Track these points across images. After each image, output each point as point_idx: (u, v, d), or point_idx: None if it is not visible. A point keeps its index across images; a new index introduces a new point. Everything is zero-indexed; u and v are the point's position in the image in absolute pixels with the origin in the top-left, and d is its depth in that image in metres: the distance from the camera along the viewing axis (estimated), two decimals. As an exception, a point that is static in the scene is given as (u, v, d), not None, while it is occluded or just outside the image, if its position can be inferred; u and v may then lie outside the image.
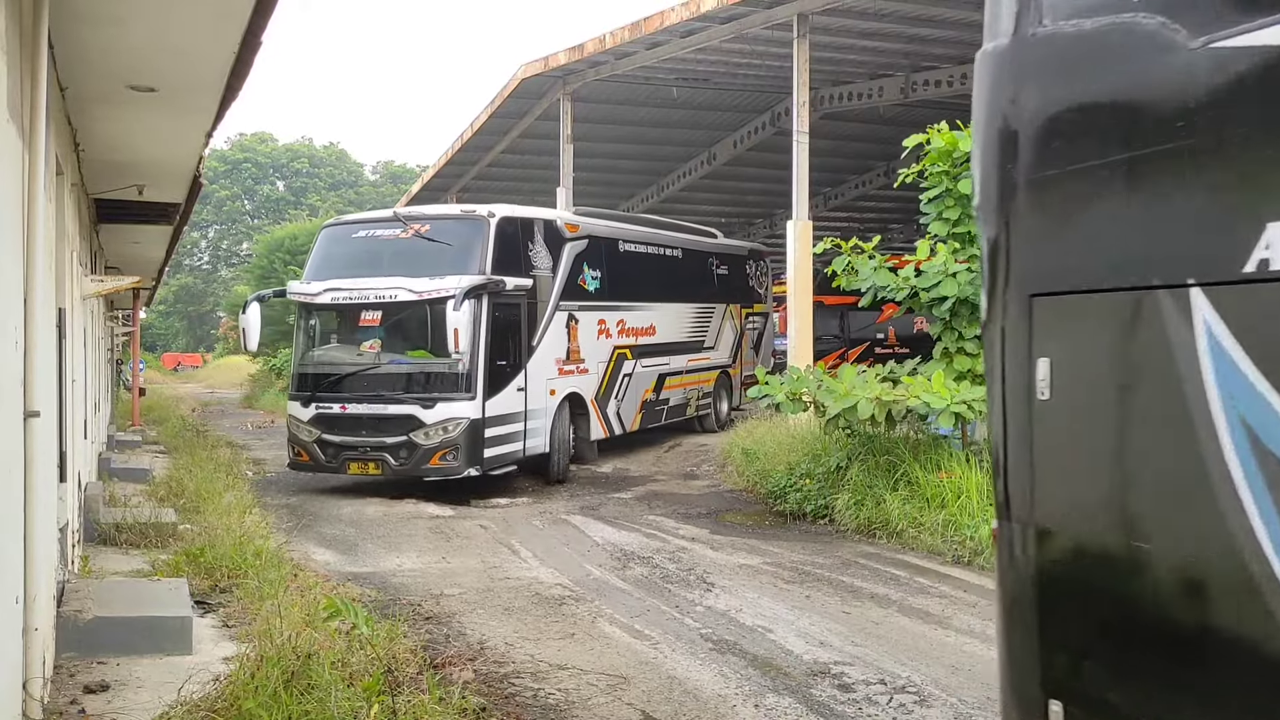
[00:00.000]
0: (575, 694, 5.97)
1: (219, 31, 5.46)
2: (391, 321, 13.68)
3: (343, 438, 13.44)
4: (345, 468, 13.48)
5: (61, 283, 7.09)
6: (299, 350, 14.56)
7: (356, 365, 13.72)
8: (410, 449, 13.12)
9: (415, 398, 13.31)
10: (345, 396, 13.57)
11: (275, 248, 39.98)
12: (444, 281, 13.00)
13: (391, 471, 13.27)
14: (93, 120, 7.57)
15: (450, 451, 13.02)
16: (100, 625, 6.26)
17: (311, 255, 14.64)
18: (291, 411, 14.10)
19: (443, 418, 13.06)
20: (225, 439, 21.15)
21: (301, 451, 13.83)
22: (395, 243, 13.91)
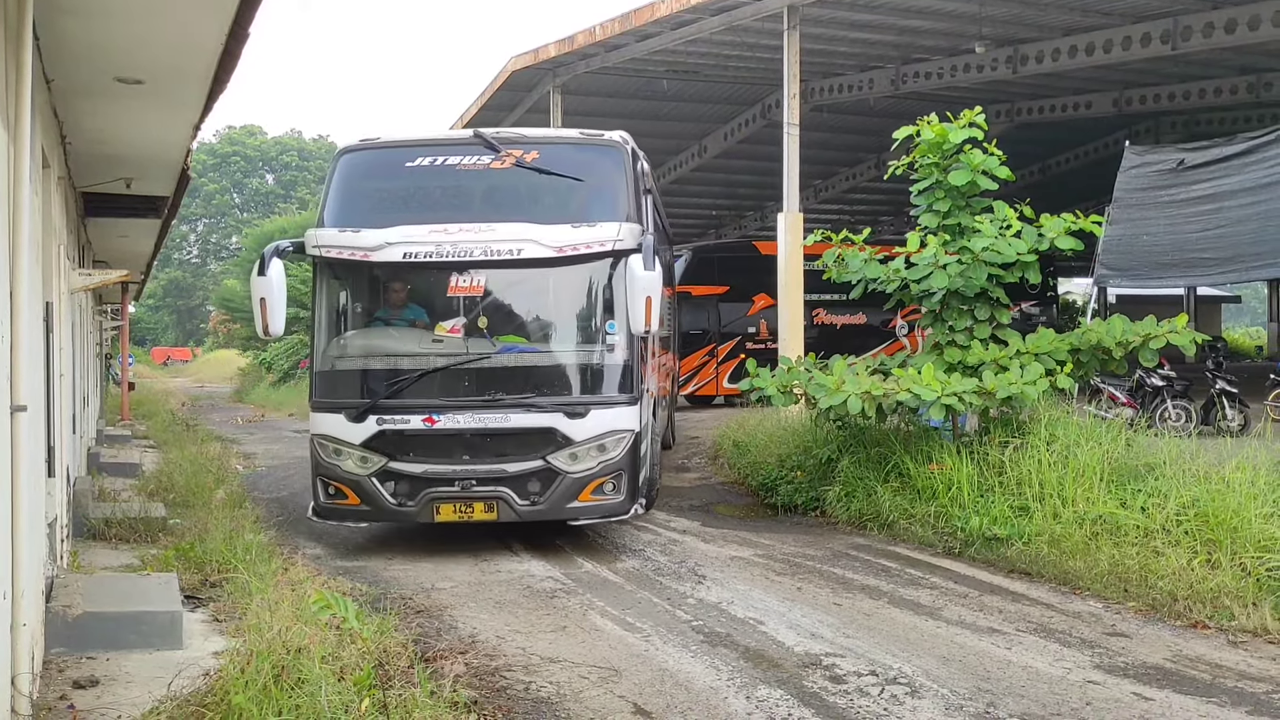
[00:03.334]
0: (567, 687, 5.96)
1: (206, 23, 5.43)
2: (506, 289, 9.57)
3: (429, 466, 9.14)
4: (431, 512, 9.11)
5: (49, 277, 7.05)
6: (328, 334, 9.86)
7: (453, 357, 9.34)
8: (547, 479, 9.14)
9: (559, 403, 9.23)
10: (434, 404, 9.18)
11: (264, 241, 39.74)
12: (601, 230, 9.19)
13: (515, 513, 9.11)
14: (79, 113, 7.53)
15: (610, 480, 9.24)
16: (89, 620, 6.24)
17: (330, 193, 9.86)
18: (321, 430, 9.44)
19: (598, 431, 9.17)
20: (215, 434, 21.12)
21: (343, 490, 9.33)
22: (485, 176, 9.70)
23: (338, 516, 9.59)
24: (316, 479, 9.57)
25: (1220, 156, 15.43)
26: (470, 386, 9.32)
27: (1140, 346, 10.02)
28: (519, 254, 9.12)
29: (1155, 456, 9.11)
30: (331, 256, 9.40)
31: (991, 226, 10.28)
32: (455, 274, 9.27)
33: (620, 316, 9.25)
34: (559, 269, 9.38)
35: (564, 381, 9.53)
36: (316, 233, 9.51)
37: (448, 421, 9.14)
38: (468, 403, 9.22)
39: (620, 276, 9.16)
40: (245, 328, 41.62)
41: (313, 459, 9.62)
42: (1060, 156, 31.66)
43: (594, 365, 9.51)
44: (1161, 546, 7.77)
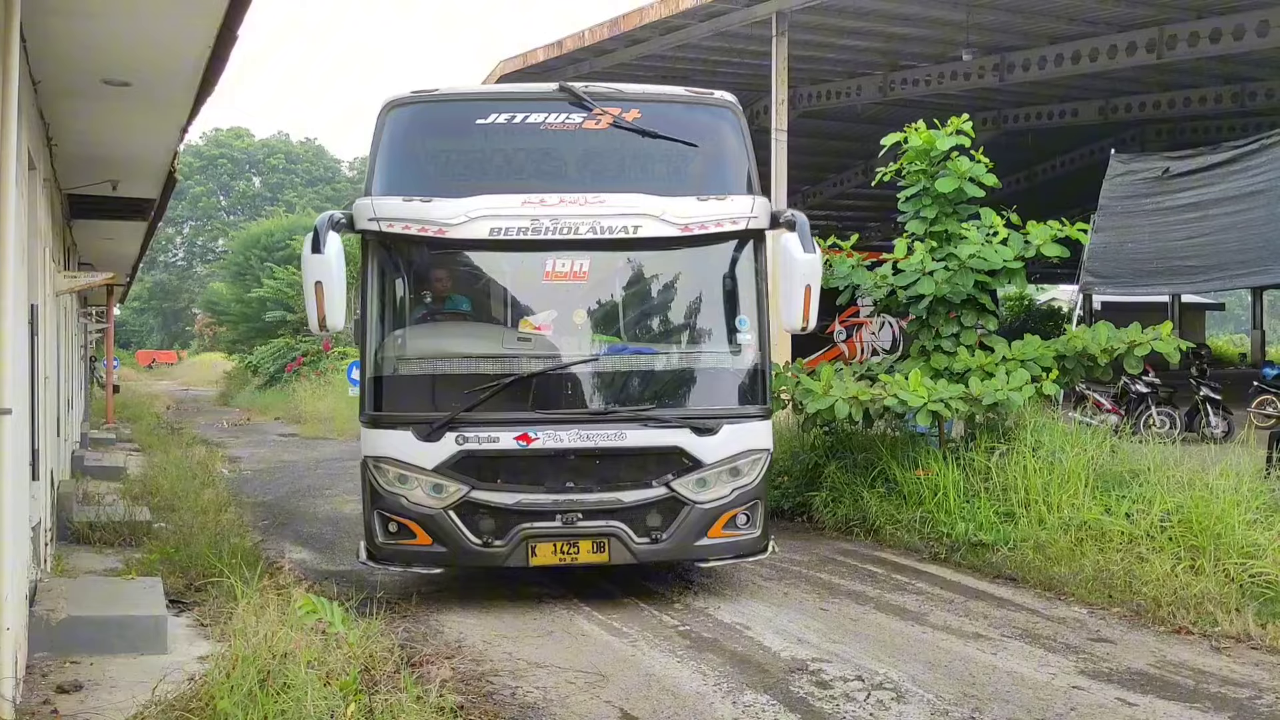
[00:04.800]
0: (554, 692, 5.96)
1: (194, 25, 5.43)
2: (616, 275, 8.03)
3: (523, 496, 7.43)
4: (526, 554, 7.41)
5: (34, 279, 7.02)
6: (386, 330, 7.87)
7: (551, 359, 7.75)
8: (670, 511, 7.52)
9: (686, 417, 7.63)
10: (531, 418, 7.49)
11: (251, 244, 39.82)
12: (733, 204, 7.71)
13: (630, 554, 7.47)
14: (66, 114, 7.51)
15: (744, 511, 7.68)
16: (73, 624, 6.21)
17: (382, 154, 7.99)
18: (380, 451, 7.59)
19: (732, 451, 7.61)
20: (201, 437, 21.03)
21: (410, 527, 7.52)
22: (578, 138, 7.98)
23: (401, 560, 7.69)
24: (373, 513, 7.59)
25: (1205, 165, 15.55)
26: (574, 396, 7.69)
27: (1125, 353, 10.06)
28: (635, 232, 7.47)
29: (1140, 463, 9.16)
30: (395, 232, 7.50)
31: (978, 233, 10.32)
32: (554, 256, 7.55)
33: (749, 309, 7.84)
34: (681, 251, 7.84)
35: (688, 390, 8.00)
36: (373, 202, 7.58)
37: (548, 439, 7.39)
38: (572, 416, 7.51)
39: (748, 261, 7.82)
40: (231, 330, 41.55)
41: (366, 488, 7.70)
42: (1046, 164, 31.81)
43: (723, 370, 7.99)
44: (1146, 552, 7.80)
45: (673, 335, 8.24)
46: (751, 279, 7.88)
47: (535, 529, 7.41)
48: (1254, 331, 34.67)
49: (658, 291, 8.24)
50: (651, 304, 8.26)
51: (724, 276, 7.98)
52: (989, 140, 20.32)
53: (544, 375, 7.70)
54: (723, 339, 7.98)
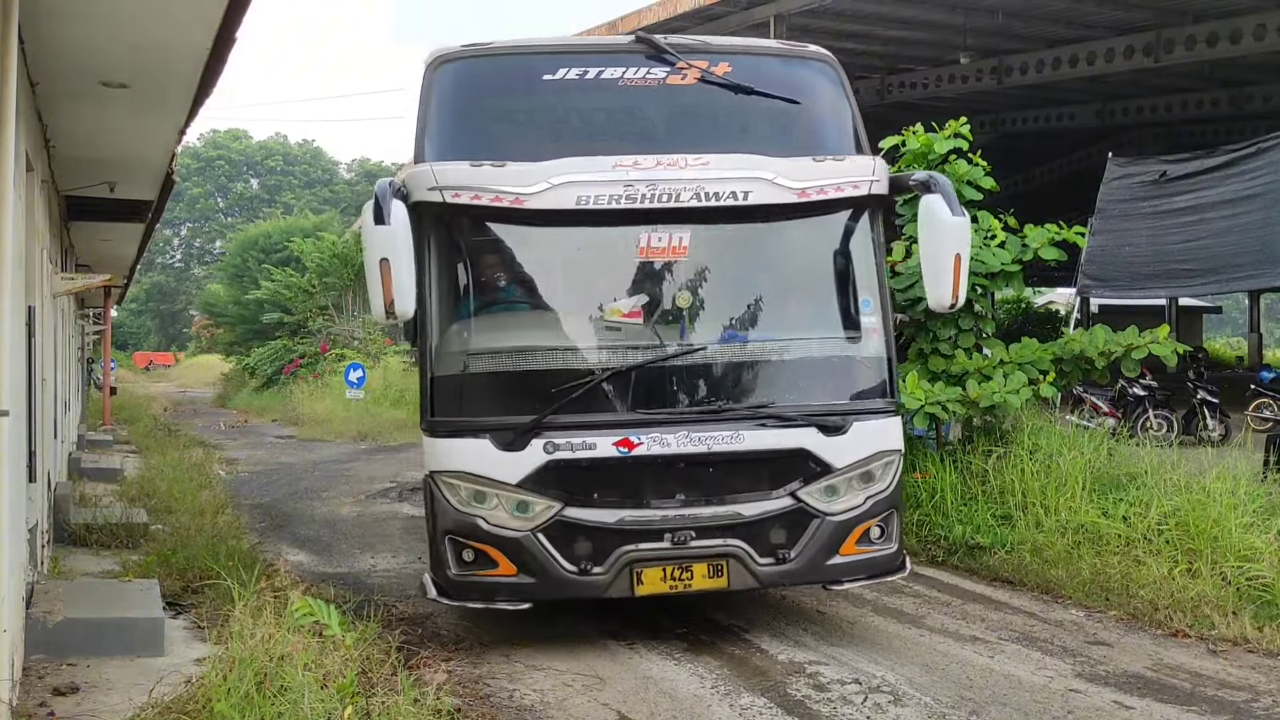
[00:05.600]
0: (551, 694, 5.96)
1: (193, 27, 5.43)
2: (722, 250, 6.99)
3: (626, 513, 6.41)
4: (630, 582, 6.37)
5: (31, 280, 7.01)
6: (449, 319, 6.75)
7: (650, 350, 6.67)
8: (797, 525, 6.54)
9: (811, 414, 6.64)
10: (631, 420, 6.49)
11: (249, 246, 39.80)
12: (852, 166, 6.82)
13: (753, 577, 6.50)
14: (64, 116, 7.51)
15: (878, 523, 6.74)
16: (70, 627, 6.20)
17: (435, 115, 6.92)
18: (450, 464, 6.49)
19: (864, 453, 6.68)
20: (198, 439, 21.01)
21: (490, 555, 6.41)
22: (664, 94, 7.00)
23: (480, 594, 6.48)
24: (443, 540, 6.45)
25: (1202, 168, 15.56)
26: (680, 393, 6.72)
27: (1122, 356, 10.07)
28: (746, 198, 6.48)
29: (1137, 466, 9.17)
30: (462, 204, 6.40)
31: (976, 236, 10.33)
32: (650, 227, 6.53)
33: (871, 288, 6.89)
34: (796, 221, 6.86)
35: (810, 383, 6.94)
36: (433, 169, 6.47)
37: (653, 444, 6.35)
38: (680, 416, 6.52)
39: (867, 232, 6.91)
40: (228, 332, 41.51)
41: (431, 509, 6.57)
42: (1044, 167, 31.85)
43: (847, 359, 7.03)
44: (1143, 555, 7.81)
45: (788, 319, 7.08)
46: (871, 253, 6.93)
47: (641, 552, 6.33)
48: (1251, 335, 34.70)
49: (769, 268, 7.12)
50: (762, 283, 7.06)
51: (842, 250, 6.99)
52: (986, 143, 20.31)
53: (646, 369, 6.61)
54: (844, 323, 6.95)
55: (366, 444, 21.18)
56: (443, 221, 6.58)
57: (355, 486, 14.67)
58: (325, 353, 31.92)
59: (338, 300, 34.10)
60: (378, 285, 6.11)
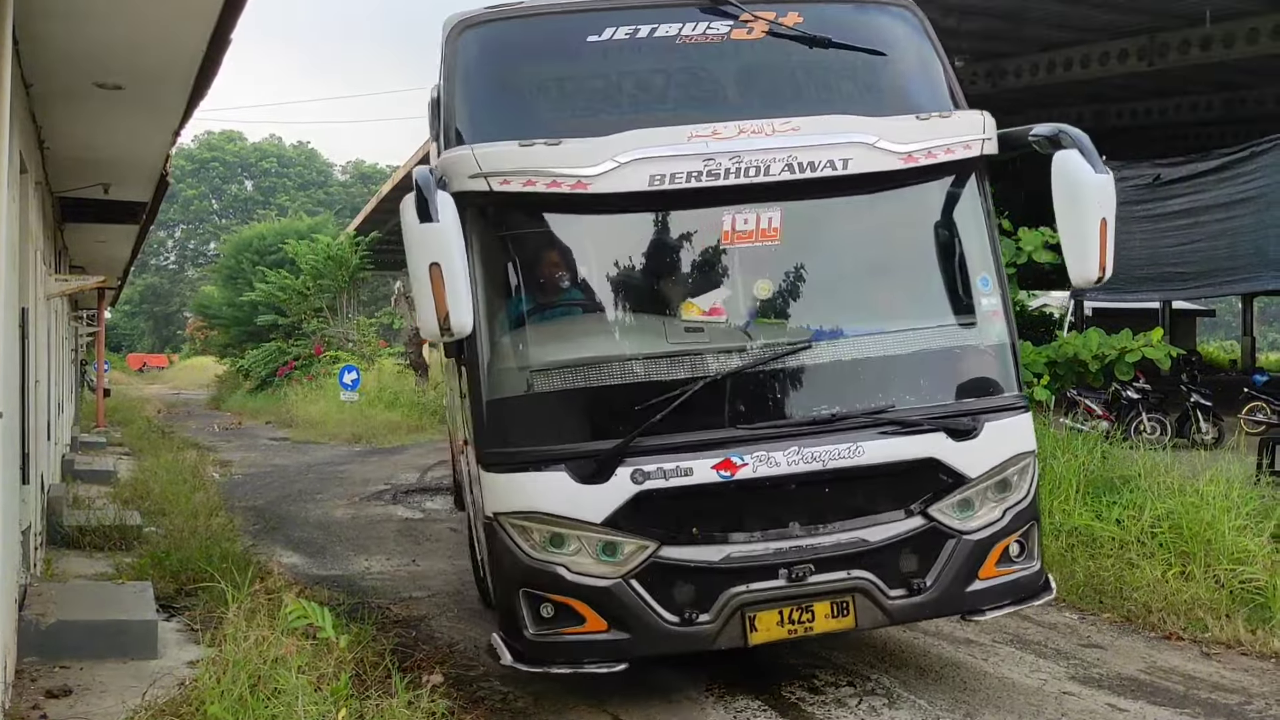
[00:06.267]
0: (545, 697, 5.96)
1: (187, 29, 5.43)
2: (816, 230, 5.93)
3: (732, 549, 5.46)
4: (742, 629, 5.41)
5: (25, 282, 7.00)
6: (502, 328, 5.68)
7: (746, 351, 5.65)
8: (929, 548, 5.62)
9: (936, 415, 5.69)
10: (730, 437, 5.48)
11: (243, 248, 39.71)
12: (959, 123, 5.89)
13: (884, 613, 5.59)
14: (58, 117, 7.50)
15: (1018, 539, 5.80)
16: (63, 629, 6.19)
17: (463, 90, 5.98)
18: (518, 504, 5.45)
19: (999, 458, 5.73)
20: (191, 441, 20.98)
21: (575, 609, 5.41)
22: (730, 51, 6.02)
23: (566, 657, 5.42)
24: (516, 594, 5.42)
25: (1196, 172, 15.63)
26: (783, 401, 5.68)
27: (1116, 360, 10.10)
28: (846, 167, 5.52)
29: (1131, 469, 9.18)
30: (513, 191, 5.36)
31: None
32: (735, 208, 5.54)
33: (987, 264, 5.95)
34: (901, 190, 5.83)
35: (930, 379, 5.93)
36: (476, 152, 5.42)
37: (759, 465, 5.39)
38: (786, 429, 5.52)
39: (976, 199, 5.98)
40: (222, 334, 41.46)
41: (496, 558, 5.55)
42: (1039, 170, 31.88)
43: (968, 347, 6.00)
44: (1136, 558, 7.82)
45: (897, 306, 6.08)
46: (983, 223, 6.02)
47: (753, 593, 5.38)
48: (1244, 338, 34.77)
49: (872, 248, 6.18)
50: (865, 266, 6.16)
51: (954, 222, 6.01)
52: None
53: (742, 376, 5.57)
54: (962, 306, 5.94)
55: (360, 446, 21.15)
56: (489, 214, 5.50)
57: (349, 489, 14.65)
58: (319, 355, 31.90)
59: (332, 302, 34.08)
60: (427, 296, 5.08)
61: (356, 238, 33.62)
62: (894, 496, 5.60)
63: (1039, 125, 5.99)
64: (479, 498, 5.81)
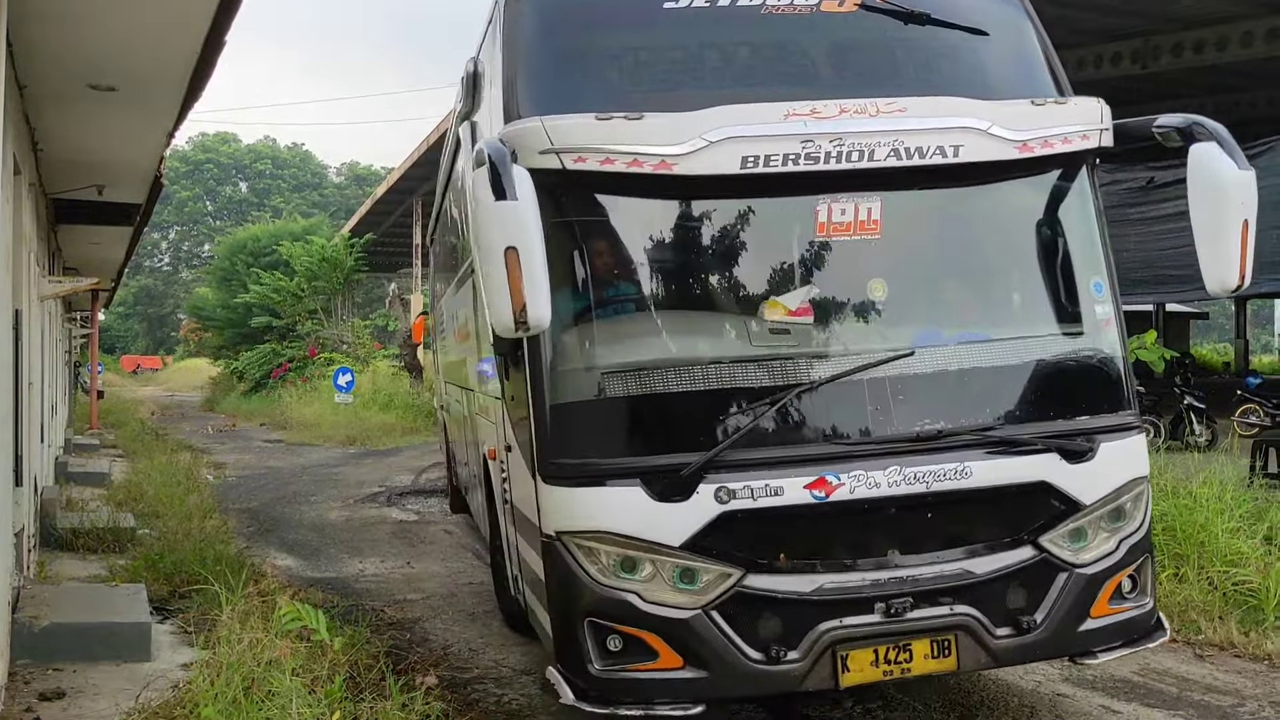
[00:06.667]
0: (539, 699, 5.95)
1: (181, 31, 5.42)
2: (918, 225, 5.42)
3: (824, 578, 4.90)
4: (833, 668, 4.83)
5: (18, 284, 6.99)
6: (566, 326, 5.02)
7: (843, 357, 5.07)
8: (1038, 583, 5.09)
9: (1049, 434, 5.15)
10: (825, 453, 4.94)
11: (237, 249, 39.68)
12: (1076, 110, 5.36)
13: (989, 654, 5.01)
14: (52, 119, 7.48)
15: (1132, 573, 5.28)
16: (56, 631, 6.17)
17: (524, 56, 5.36)
18: (584, 523, 4.84)
19: (1115, 483, 5.23)
20: (185, 443, 20.95)
21: (647, 642, 4.81)
22: (819, 25, 5.49)
23: (635, 695, 4.82)
24: (580, 624, 4.84)
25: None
26: (883, 414, 5.05)
27: (1110, 362, 10.09)
28: (957, 154, 5.00)
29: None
30: (587, 170, 4.78)
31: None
32: (832, 196, 5.00)
33: (1099, 268, 5.48)
34: (1012, 183, 5.36)
35: (1042, 394, 5.36)
36: (547, 124, 4.82)
37: (857, 485, 4.85)
38: (887, 445, 4.94)
39: (1087, 195, 5.48)
40: (216, 336, 41.41)
41: (558, 582, 4.93)
42: (1032, 173, 31.93)
43: (1081, 359, 5.46)
44: (1130, 560, 7.83)
45: (1005, 312, 5.60)
46: (1094, 222, 5.52)
47: (846, 629, 4.82)
48: (1237, 340, 34.87)
49: (979, 246, 5.58)
50: (971, 266, 5.59)
51: (1066, 219, 5.50)
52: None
53: (835, 385, 4.97)
54: (1074, 313, 5.42)
55: (355, 448, 21.14)
56: (560, 195, 4.83)
57: (343, 491, 14.64)
58: (314, 357, 31.88)
59: (326, 304, 34.06)
60: (501, 285, 4.44)
61: (351, 239, 33.63)
62: (1002, 524, 5.06)
63: (1166, 115, 5.45)
64: (524, 513, 5.35)
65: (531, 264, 4.43)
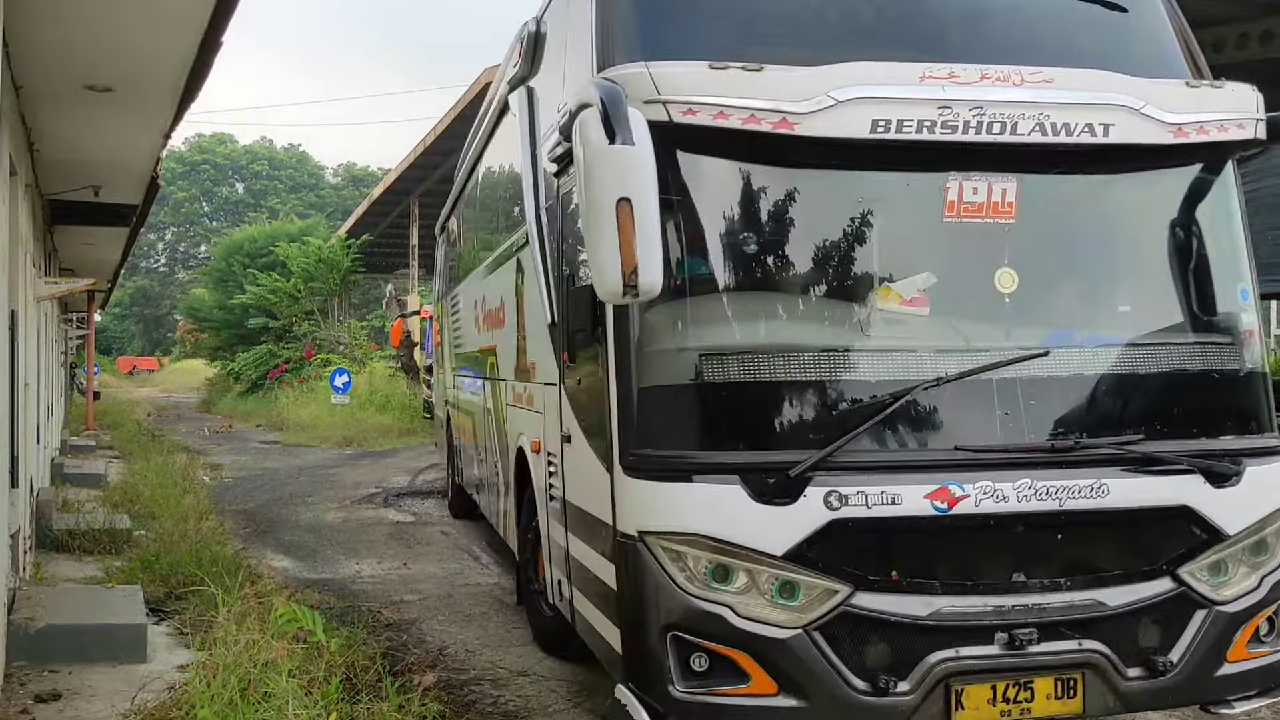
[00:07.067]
0: (536, 700, 5.95)
1: (178, 32, 5.42)
2: (1054, 210, 4.83)
3: (941, 601, 4.34)
4: (946, 704, 4.30)
5: (14, 285, 6.98)
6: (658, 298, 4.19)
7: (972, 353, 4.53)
8: (1178, 619, 4.58)
9: (1193, 453, 4.62)
10: (953, 459, 4.40)
11: (234, 250, 39.65)
12: (1231, 96, 4.81)
13: (1118, 699, 4.48)
14: (48, 120, 7.48)
15: (1274, 612, 4.84)
16: (52, 633, 6.16)
17: None
18: (669, 522, 4.31)
19: (1263, 510, 4.73)
20: (181, 444, 20.92)
21: (738, 662, 4.26)
22: None
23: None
24: (661, 636, 4.30)
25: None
26: (1008, 420, 4.53)
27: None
28: (1107, 134, 4.51)
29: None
30: (698, 123, 4.27)
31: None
32: (965, 174, 4.53)
33: (1243, 271, 4.96)
34: (1161, 171, 4.88)
35: (1184, 408, 4.85)
36: (653, 71, 4.34)
37: (981, 496, 4.34)
38: (1018, 455, 4.44)
39: (1231, 191, 4.95)
40: (213, 337, 41.38)
41: (636, 588, 4.39)
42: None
43: (1226, 372, 4.92)
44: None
45: (1146, 314, 5.00)
46: (1239, 222, 4.98)
47: (963, 661, 4.31)
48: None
49: (1119, 238, 4.99)
50: (1110, 260, 5.00)
51: (1212, 217, 4.98)
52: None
53: (962, 385, 4.45)
54: (1219, 320, 4.92)
55: (351, 449, 21.13)
56: (662, 151, 4.13)
57: (340, 492, 14.63)
58: (310, 358, 31.85)
59: (323, 305, 34.04)
60: (610, 242, 3.95)
61: (348, 240, 33.61)
62: (1138, 551, 4.55)
63: None
64: (586, 510, 4.92)
65: (647, 220, 3.96)
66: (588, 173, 4.06)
